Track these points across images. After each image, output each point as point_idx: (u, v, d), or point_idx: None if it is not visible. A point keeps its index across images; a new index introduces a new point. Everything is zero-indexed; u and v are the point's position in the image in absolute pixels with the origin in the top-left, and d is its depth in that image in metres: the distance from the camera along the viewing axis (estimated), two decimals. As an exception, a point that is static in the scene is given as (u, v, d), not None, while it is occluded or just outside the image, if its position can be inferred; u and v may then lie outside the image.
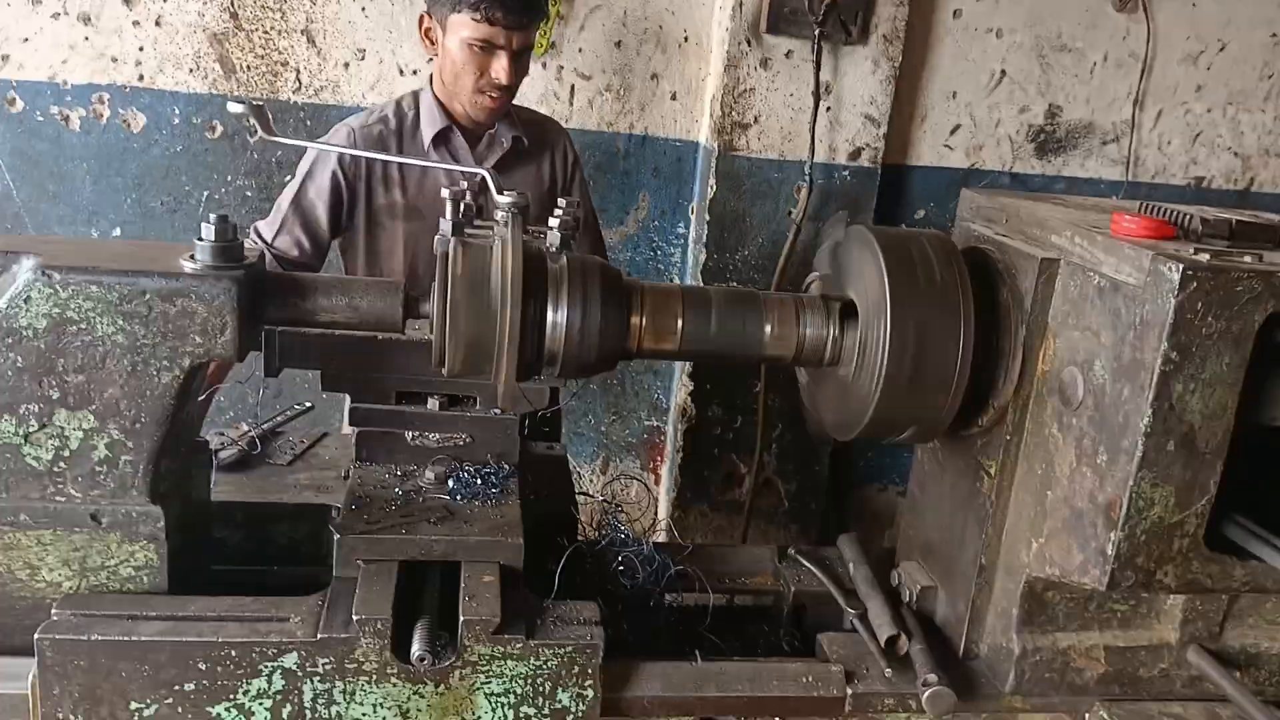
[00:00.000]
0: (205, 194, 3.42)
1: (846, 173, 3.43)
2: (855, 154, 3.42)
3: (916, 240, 1.60)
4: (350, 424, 1.85)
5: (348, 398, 1.87)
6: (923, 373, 1.49)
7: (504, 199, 1.83)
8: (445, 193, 1.78)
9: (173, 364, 1.40)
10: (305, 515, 1.88)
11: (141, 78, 3.29)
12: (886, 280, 1.49)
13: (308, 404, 2.47)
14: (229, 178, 3.41)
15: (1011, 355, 1.56)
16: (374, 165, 2.73)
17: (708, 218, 3.44)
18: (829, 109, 3.38)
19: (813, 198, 3.38)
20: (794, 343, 1.60)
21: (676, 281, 3.73)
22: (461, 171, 2.07)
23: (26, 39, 3.19)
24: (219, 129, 3.36)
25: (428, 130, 2.76)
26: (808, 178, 3.36)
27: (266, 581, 1.75)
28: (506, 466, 1.84)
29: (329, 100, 3.38)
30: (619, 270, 1.60)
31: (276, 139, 1.97)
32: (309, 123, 3.37)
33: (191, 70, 3.30)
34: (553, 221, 1.78)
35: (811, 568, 1.91)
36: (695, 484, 3.76)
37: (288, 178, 2.82)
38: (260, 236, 2.72)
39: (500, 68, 2.64)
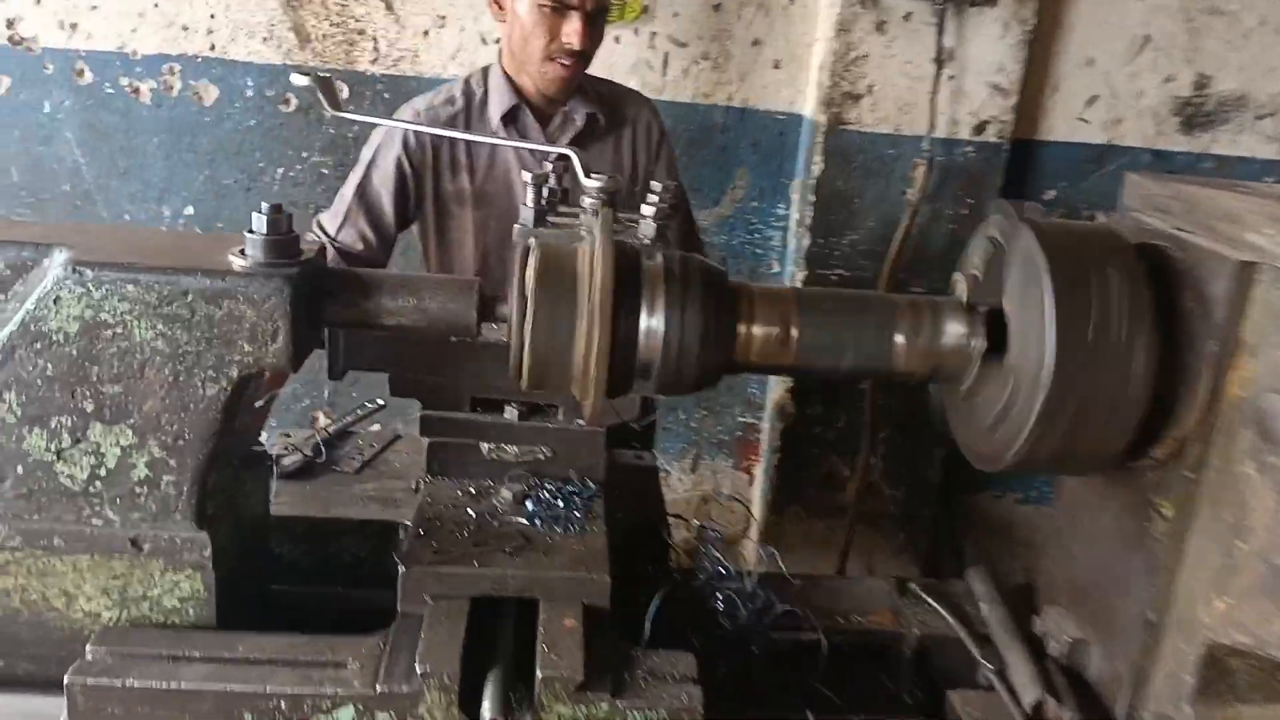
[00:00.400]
0: (280, 171, 3.33)
1: (970, 149, 3.17)
2: (980, 128, 3.16)
3: (1084, 234, 1.39)
4: (421, 433, 1.71)
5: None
6: (1091, 397, 1.27)
7: (591, 183, 1.67)
8: (526, 176, 1.62)
9: (219, 374, 1.27)
10: (371, 532, 1.76)
11: (213, 47, 3.20)
12: (1049, 280, 1.28)
13: (380, 401, 2.34)
14: (304, 154, 3.31)
15: (1195, 377, 1.33)
16: (440, 150, 2.59)
17: (812, 198, 3.22)
18: (951, 78, 3.13)
19: (932, 177, 3.13)
20: (930, 357, 1.40)
21: (776, 269, 3.53)
22: (544, 151, 1.91)
23: (95, 6, 3.12)
24: (293, 102, 3.26)
25: (496, 108, 2.60)
26: (926, 154, 3.11)
27: (327, 605, 1.64)
28: (591, 485, 1.69)
29: (408, 71, 3.25)
30: (724, 270, 1.42)
31: (346, 114, 1.84)
32: (387, 95, 3.25)
33: (265, 39, 3.20)
34: (646, 210, 1.61)
35: (937, 606, 1.71)
36: (792, 487, 3.56)
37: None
38: (323, 230, 2.61)
39: (572, 30, 2.46)
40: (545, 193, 1.65)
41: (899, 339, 1.40)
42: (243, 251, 1.26)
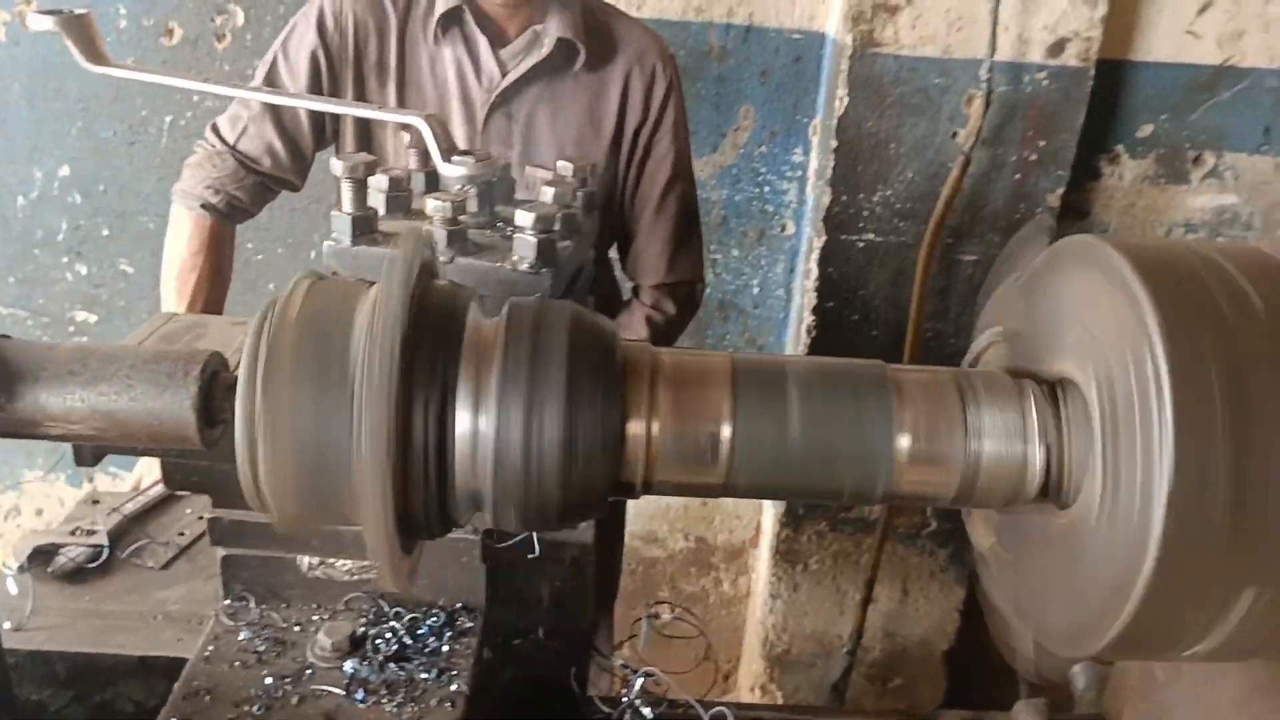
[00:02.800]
0: (168, 119, 2.91)
1: (1043, 75, 2.61)
2: (1057, 47, 2.59)
3: (1198, 258, 0.91)
4: (212, 542, 1.27)
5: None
6: (1247, 514, 0.80)
7: (453, 169, 1.21)
8: (338, 166, 1.15)
9: None
10: (157, 671, 1.32)
11: (73, -33, 2.73)
12: (1158, 330, 0.81)
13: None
14: (195, 97, 2.86)
15: None
16: (366, 39, 2.13)
17: (835, 143, 2.73)
18: (1021, -19, 2.59)
19: (990, 113, 2.59)
20: (957, 467, 0.93)
21: (790, 230, 3.04)
22: (397, 116, 1.43)
23: (-79, -80, 2.67)
24: (177, 33, 2.83)
25: (439, 4, 2.11)
26: (984, 84, 2.57)
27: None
28: (463, 615, 1.25)
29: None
30: (612, 327, 0.94)
31: (112, 69, 1.39)
32: None
33: (138, -47, 2.74)
34: (523, 214, 1.14)
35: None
36: (814, 496, 3.11)
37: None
38: (220, 136, 2.19)
39: None
40: (387, 187, 1.18)
41: (903, 438, 0.92)
42: None
